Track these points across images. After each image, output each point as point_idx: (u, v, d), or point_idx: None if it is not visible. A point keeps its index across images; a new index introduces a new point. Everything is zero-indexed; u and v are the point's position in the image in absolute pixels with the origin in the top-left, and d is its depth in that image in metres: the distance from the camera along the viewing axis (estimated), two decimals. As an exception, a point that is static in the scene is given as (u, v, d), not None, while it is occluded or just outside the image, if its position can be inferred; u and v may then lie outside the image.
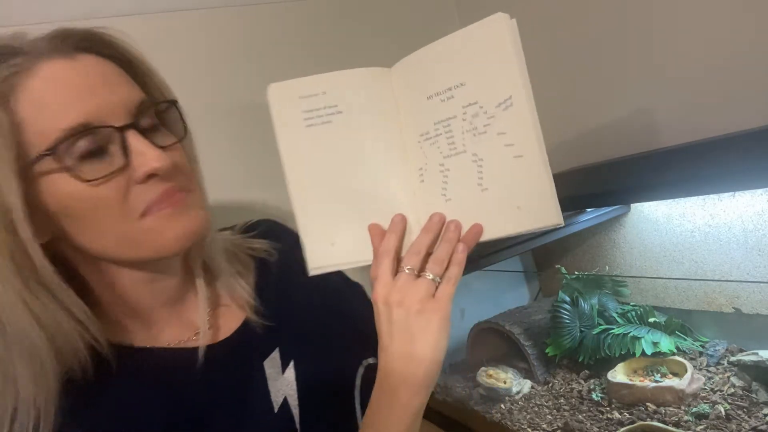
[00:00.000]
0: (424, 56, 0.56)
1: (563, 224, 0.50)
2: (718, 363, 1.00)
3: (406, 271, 0.55)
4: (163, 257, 0.55)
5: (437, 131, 0.56)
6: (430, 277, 0.54)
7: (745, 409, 0.85)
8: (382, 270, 0.55)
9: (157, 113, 0.57)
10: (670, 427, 0.85)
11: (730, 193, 0.98)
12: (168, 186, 0.54)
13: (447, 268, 0.55)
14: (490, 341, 1.26)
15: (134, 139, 0.52)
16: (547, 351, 1.14)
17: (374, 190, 0.58)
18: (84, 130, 0.49)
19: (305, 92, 0.57)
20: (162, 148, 0.54)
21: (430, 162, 0.57)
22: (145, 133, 0.54)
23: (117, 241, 0.53)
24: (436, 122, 0.56)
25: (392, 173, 0.58)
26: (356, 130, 0.57)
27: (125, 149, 0.51)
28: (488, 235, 0.55)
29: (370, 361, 0.70)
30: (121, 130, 0.51)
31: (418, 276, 0.55)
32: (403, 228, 0.57)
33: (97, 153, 0.50)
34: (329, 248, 0.58)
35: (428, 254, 0.56)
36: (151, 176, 0.52)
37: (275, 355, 0.65)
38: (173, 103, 0.59)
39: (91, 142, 0.50)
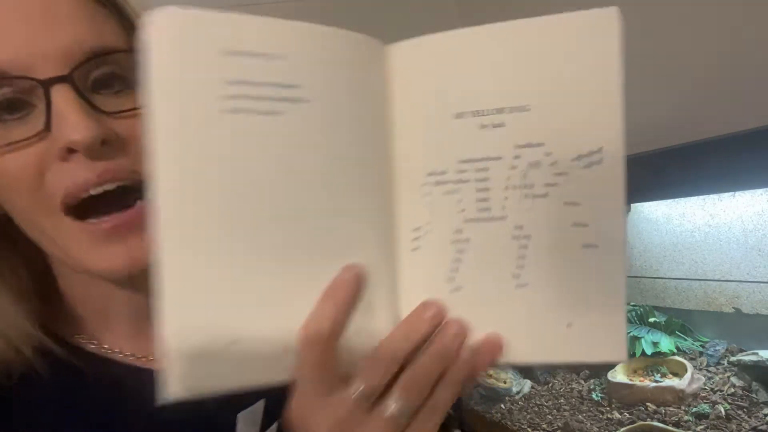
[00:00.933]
0: (462, 44, 0.33)
1: (626, 360, 0.39)
2: (718, 363, 1.00)
3: (354, 394, 0.31)
4: (100, 277, 0.41)
5: (462, 175, 0.33)
6: (393, 410, 0.31)
7: (745, 409, 0.85)
8: (304, 378, 0.31)
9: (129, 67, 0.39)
10: (670, 427, 0.85)
11: (730, 193, 0.98)
12: (98, 171, 0.37)
13: (430, 395, 0.32)
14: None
15: (60, 98, 0.36)
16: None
17: (326, 247, 0.32)
18: None
19: (238, 46, 0.30)
20: (106, 113, 0.38)
21: (437, 221, 0.33)
22: (92, 89, 0.38)
23: (41, 237, 0.40)
24: (463, 160, 0.33)
25: (365, 226, 0.33)
26: (318, 139, 0.32)
27: (48, 110, 0.36)
28: (512, 357, 0.34)
29: None
30: (47, 84, 0.36)
31: (374, 406, 0.31)
32: (356, 292, 0.31)
33: (16, 110, 0.37)
34: (221, 350, 0.30)
35: (402, 368, 0.32)
36: (71, 151, 0.37)
37: (257, 407, 0.47)
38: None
39: (3, 95, 0.36)
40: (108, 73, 0.39)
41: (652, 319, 1.09)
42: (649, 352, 1.01)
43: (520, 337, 0.33)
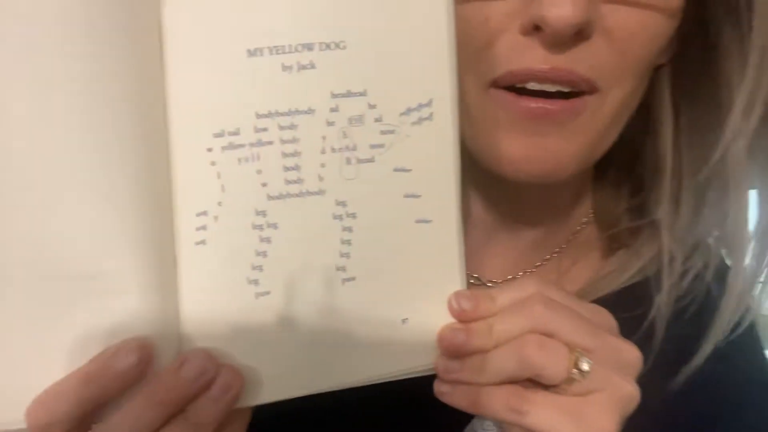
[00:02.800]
0: None
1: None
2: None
3: None
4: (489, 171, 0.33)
5: (262, 135, 0.24)
6: None
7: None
8: None
9: None
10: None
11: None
12: (553, 64, 0.29)
13: None
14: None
15: None
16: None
17: (54, 255, 0.22)
18: None
19: None
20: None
21: (230, 201, 0.24)
22: None
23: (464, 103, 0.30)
24: (262, 114, 0.24)
25: (116, 224, 0.23)
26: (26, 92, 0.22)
27: None
28: (346, 379, 0.26)
29: None
30: None
31: None
32: (124, 375, 0.22)
33: None
34: None
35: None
36: (536, 29, 0.29)
37: None
38: None
39: None
40: None
41: None
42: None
43: (347, 349, 0.25)
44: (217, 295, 0.24)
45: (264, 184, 0.24)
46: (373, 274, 0.25)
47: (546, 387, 0.25)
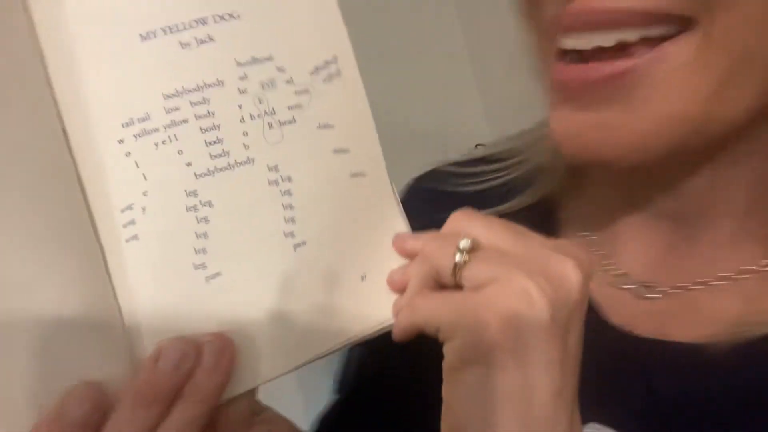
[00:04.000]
0: None
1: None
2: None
3: None
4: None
5: (175, 116, 0.23)
6: None
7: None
8: None
9: None
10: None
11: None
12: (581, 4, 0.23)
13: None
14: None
15: None
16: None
17: None
18: None
19: None
20: None
21: (156, 188, 0.23)
22: None
23: None
24: (169, 94, 0.23)
25: (22, 235, 0.20)
26: None
27: None
28: (303, 357, 0.24)
29: None
30: None
31: None
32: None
33: None
34: None
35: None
36: None
37: None
38: None
39: None
40: None
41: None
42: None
43: (321, 317, 0.24)
44: (164, 288, 0.22)
45: (188, 164, 0.23)
46: (323, 234, 0.25)
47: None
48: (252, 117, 0.24)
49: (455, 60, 1.27)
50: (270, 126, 0.24)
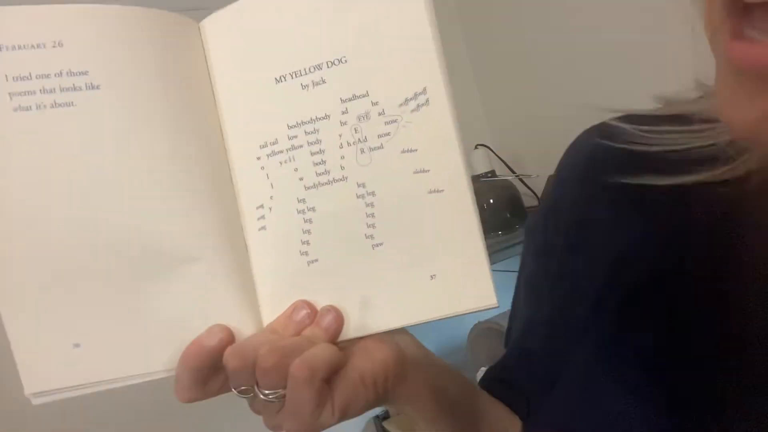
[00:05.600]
0: (265, 6, 0.32)
1: (497, 305, 0.31)
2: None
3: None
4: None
5: (294, 141, 0.31)
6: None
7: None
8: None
9: None
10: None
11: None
12: None
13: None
14: (490, 341, 1.22)
15: None
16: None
17: (159, 257, 0.31)
18: None
19: (13, 40, 0.29)
20: None
21: (279, 195, 0.32)
22: None
23: None
24: (291, 125, 0.31)
25: (201, 220, 0.31)
26: (122, 126, 0.30)
27: None
28: (382, 324, 0.32)
29: None
30: None
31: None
32: (212, 359, 0.30)
33: None
34: (69, 352, 0.30)
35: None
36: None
37: None
38: None
39: None
40: None
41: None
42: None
43: (387, 300, 0.31)
44: (280, 266, 0.32)
45: (301, 179, 0.31)
46: (398, 238, 0.31)
47: None
48: (348, 144, 0.31)
49: (455, 60, 1.21)
50: (362, 151, 0.31)
